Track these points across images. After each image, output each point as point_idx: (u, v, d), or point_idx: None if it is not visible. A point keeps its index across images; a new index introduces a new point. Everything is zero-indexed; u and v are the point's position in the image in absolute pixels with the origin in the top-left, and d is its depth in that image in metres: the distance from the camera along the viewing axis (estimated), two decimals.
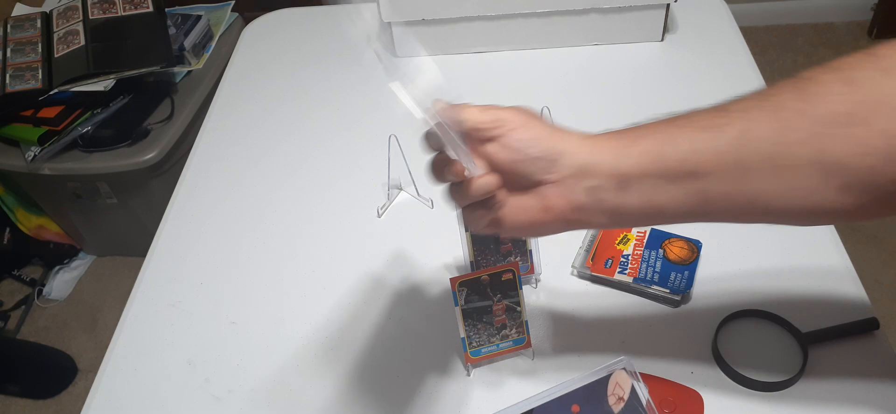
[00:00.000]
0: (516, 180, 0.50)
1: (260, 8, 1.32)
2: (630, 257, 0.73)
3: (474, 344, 0.65)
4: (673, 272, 0.71)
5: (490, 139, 0.50)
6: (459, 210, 0.53)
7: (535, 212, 0.50)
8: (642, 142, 0.48)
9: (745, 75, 0.99)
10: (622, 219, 0.49)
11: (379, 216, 0.85)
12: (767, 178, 0.43)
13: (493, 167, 0.50)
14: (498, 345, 0.66)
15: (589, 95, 0.99)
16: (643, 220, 0.49)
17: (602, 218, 0.50)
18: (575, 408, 0.46)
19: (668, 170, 0.46)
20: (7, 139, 1.56)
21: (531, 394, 0.49)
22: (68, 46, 1.55)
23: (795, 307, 0.68)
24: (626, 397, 0.46)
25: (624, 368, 0.46)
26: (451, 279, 0.63)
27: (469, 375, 0.67)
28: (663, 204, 0.47)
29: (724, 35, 1.08)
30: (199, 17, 1.71)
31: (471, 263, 0.71)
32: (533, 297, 0.73)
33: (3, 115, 1.53)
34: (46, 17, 1.63)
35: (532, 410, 0.45)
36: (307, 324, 0.74)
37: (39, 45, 1.57)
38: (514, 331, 0.66)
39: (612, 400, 0.46)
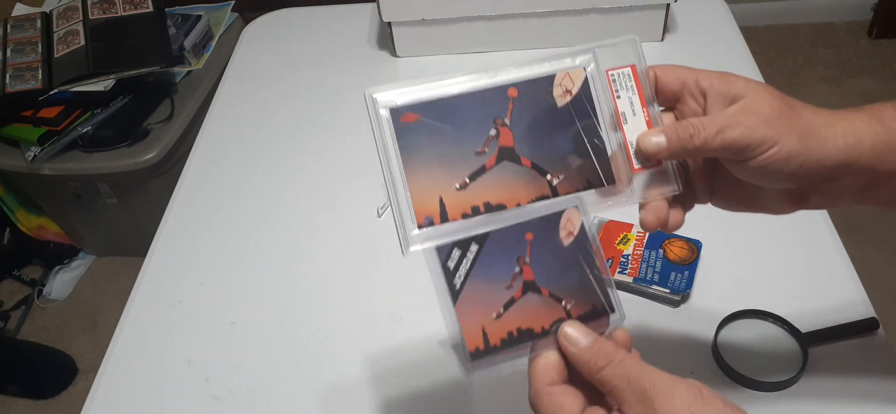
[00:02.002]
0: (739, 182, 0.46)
1: (260, 8, 1.32)
2: (630, 257, 0.73)
3: None
4: (673, 272, 0.71)
5: (739, 161, 0.43)
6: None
7: (756, 211, 0.49)
8: None
9: (745, 75, 0.99)
10: (845, 206, 0.47)
11: (379, 216, 0.85)
12: None
13: (719, 175, 0.47)
14: None
15: None
16: (867, 206, 0.47)
17: (824, 207, 0.48)
18: (528, 235, 0.46)
19: None
20: (7, 139, 1.56)
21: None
22: (68, 46, 1.55)
23: (795, 307, 0.68)
24: (575, 232, 0.47)
25: (576, 207, 0.47)
26: None
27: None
28: None
29: (724, 35, 1.08)
30: (199, 17, 1.71)
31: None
32: None
33: (3, 115, 1.53)
34: (46, 17, 1.63)
35: (490, 233, 0.46)
36: (307, 324, 0.74)
37: (39, 45, 1.57)
38: None
39: (562, 234, 0.47)
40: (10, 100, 1.50)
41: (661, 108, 0.48)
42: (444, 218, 0.45)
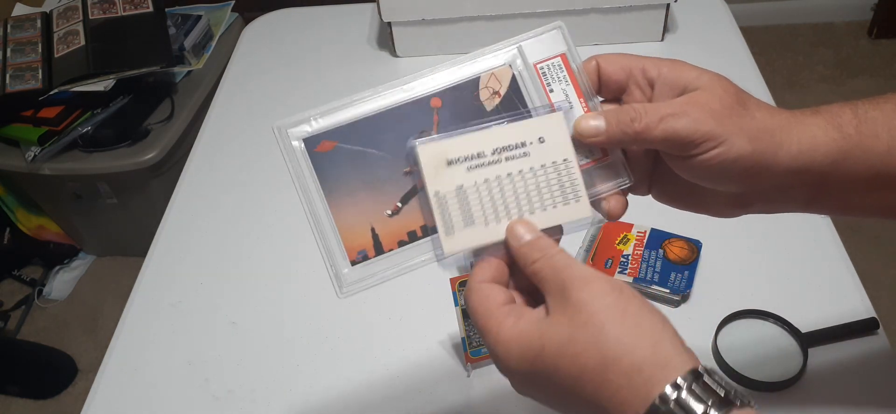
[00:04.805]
0: (687, 183, 0.43)
1: (260, 8, 1.32)
2: (630, 257, 0.73)
3: (474, 344, 0.65)
4: (673, 272, 0.71)
5: (673, 155, 0.41)
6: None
7: (698, 211, 0.46)
8: (869, 145, 0.40)
9: (745, 75, 0.99)
10: (794, 211, 0.45)
11: None
12: None
13: (665, 173, 0.44)
14: None
15: None
16: (818, 213, 0.45)
17: (772, 212, 0.45)
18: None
19: (889, 178, 0.41)
20: (7, 139, 1.56)
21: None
22: (68, 46, 1.55)
23: (795, 307, 0.68)
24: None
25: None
26: (451, 279, 0.63)
27: (469, 375, 0.67)
28: (857, 207, 0.43)
29: (724, 35, 1.08)
30: (199, 17, 1.71)
31: (471, 263, 0.71)
32: None
33: (3, 115, 1.53)
34: (46, 18, 1.63)
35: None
36: (307, 324, 0.74)
37: (39, 45, 1.57)
38: None
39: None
40: (10, 100, 1.50)
41: (602, 100, 0.44)
42: (379, 249, 0.41)
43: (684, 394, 0.33)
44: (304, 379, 0.69)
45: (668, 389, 0.33)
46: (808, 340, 0.64)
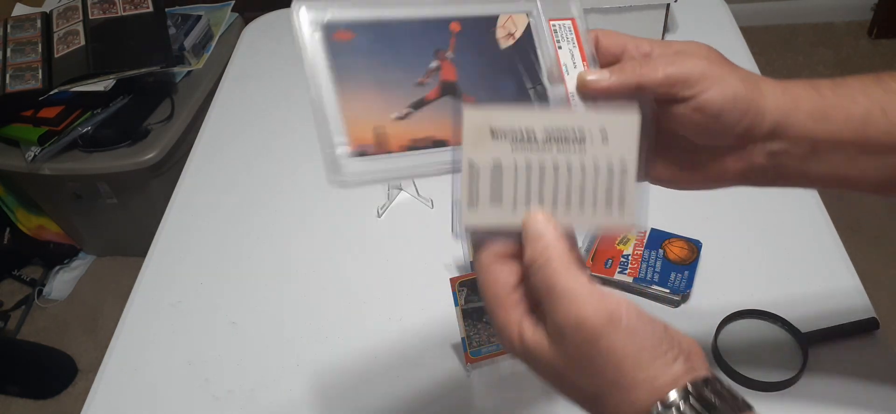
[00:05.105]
0: (689, 145, 0.44)
1: (260, 8, 1.32)
2: (630, 257, 0.73)
3: (474, 344, 0.65)
4: (673, 272, 0.71)
5: (675, 100, 0.43)
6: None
7: (699, 182, 0.47)
8: (847, 106, 0.43)
9: None
10: (793, 183, 0.46)
11: (379, 216, 0.85)
12: None
13: (668, 131, 0.45)
14: (498, 345, 0.66)
15: None
16: (816, 186, 0.45)
17: (771, 182, 0.46)
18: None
19: (873, 142, 0.42)
20: (7, 139, 1.56)
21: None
22: (68, 46, 1.55)
23: (795, 307, 0.68)
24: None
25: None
26: (451, 279, 0.63)
27: (469, 375, 0.67)
28: (851, 176, 0.44)
29: (724, 35, 1.08)
30: (199, 17, 1.71)
31: (471, 262, 0.71)
32: None
33: (3, 115, 1.53)
34: (46, 18, 1.63)
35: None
36: (307, 324, 0.74)
37: (39, 45, 1.57)
38: None
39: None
40: (10, 100, 1.50)
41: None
42: (382, 148, 0.40)
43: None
44: (304, 379, 0.69)
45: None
46: (808, 340, 0.64)
